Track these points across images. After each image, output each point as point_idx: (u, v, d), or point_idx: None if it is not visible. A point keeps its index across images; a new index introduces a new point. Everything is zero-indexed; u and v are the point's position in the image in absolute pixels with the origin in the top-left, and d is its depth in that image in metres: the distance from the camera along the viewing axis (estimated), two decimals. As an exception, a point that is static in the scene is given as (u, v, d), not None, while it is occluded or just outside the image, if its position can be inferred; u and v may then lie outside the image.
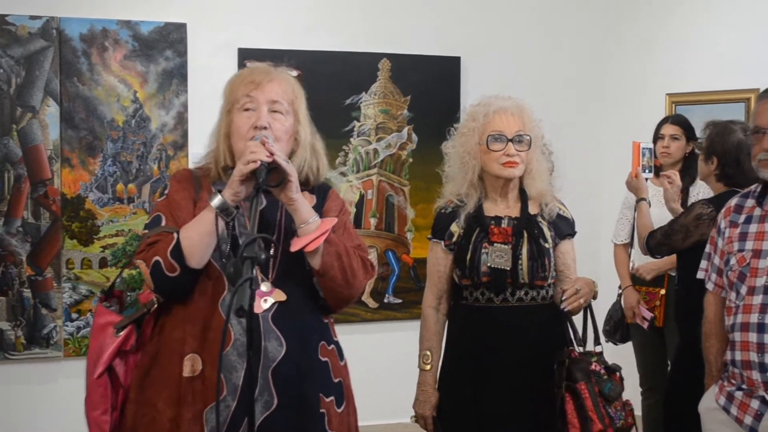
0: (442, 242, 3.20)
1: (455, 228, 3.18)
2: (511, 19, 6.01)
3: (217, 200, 2.37)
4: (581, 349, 3.12)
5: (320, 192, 2.68)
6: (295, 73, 2.83)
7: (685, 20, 5.77)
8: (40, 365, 5.11)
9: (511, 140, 3.09)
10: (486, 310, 3.13)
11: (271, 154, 2.35)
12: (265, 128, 2.48)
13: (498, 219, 3.16)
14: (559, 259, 3.19)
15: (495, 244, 3.10)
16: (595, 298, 3.16)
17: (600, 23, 6.20)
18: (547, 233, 3.17)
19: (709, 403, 3.03)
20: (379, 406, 5.70)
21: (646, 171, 4.24)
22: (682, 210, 4.25)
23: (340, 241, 2.52)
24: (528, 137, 3.12)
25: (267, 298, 2.44)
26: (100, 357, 2.48)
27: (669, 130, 4.76)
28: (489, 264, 3.08)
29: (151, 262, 2.38)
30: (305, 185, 2.60)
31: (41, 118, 5.04)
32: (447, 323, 3.29)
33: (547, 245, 3.14)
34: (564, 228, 3.24)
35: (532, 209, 3.19)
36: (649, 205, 4.32)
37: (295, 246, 2.43)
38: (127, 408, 2.48)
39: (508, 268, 3.08)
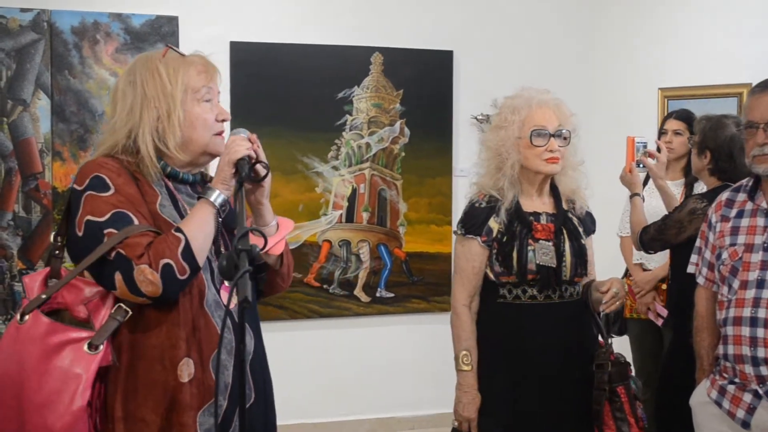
0: (479, 238, 3.11)
1: (494, 223, 3.11)
2: (503, 13, 6.01)
3: (218, 197, 2.32)
4: (609, 341, 3.13)
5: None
6: None
7: (678, 14, 5.77)
8: (31, 359, 5.08)
9: (553, 135, 3.07)
10: (528, 307, 3.09)
11: (256, 154, 2.35)
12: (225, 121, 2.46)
13: (537, 215, 3.14)
14: None
15: (540, 241, 3.08)
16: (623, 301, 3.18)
17: (592, 17, 6.19)
18: (580, 229, 3.19)
19: (701, 397, 3.04)
20: (371, 400, 5.71)
21: (641, 166, 4.23)
22: (667, 187, 4.24)
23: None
24: (567, 132, 3.11)
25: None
26: (76, 382, 2.17)
27: (672, 125, 4.74)
28: (537, 261, 3.05)
29: (159, 265, 2.19)
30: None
31: (32, 111, 5.02)
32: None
33: (583, 241, 3.17)
34: (590, 225, 3.27)
35: (563, 205, 3.20)
36: (643, 200, 4.31)
37: (267, 246, 2.40)
38: (116, 428, 2.26)
39: (555, 266, 3.06)
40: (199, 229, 2.27)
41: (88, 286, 2.26)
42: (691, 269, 3.20)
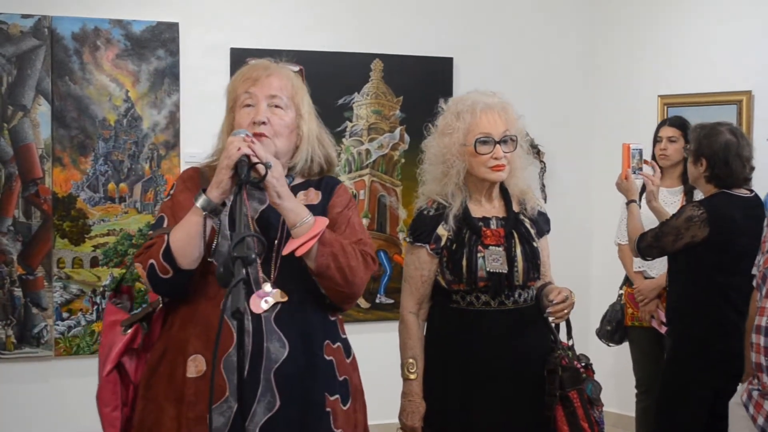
0: (427, 246, 3.04)
1: (442, 231, 3.03)
2: (503, 20, 6.02)
3: (201, 200, 2.35)
4: (566, 348, 3.04)
5: (327, 187, 2.64)
6: (296, 68, 2.81)
7: (678, 22, 5.78)
8: (31, 364, 5.09)
9: (498, 142, 2.97)
10: (482, 314, 3.01)
11: (254, 152, 2.33)
12: (264, 123, 2.47)
13: (486, 220, 3.05)
14: None
15: (489, 247, 2.99)
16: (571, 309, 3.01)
17: (592, 24, 6.21)
18: (532, 231, 3.09)
19: (738, 398, 3.05)
20: (371, 406, 5.68)
21: (636, 172, 4.23)
22: (661, 208, 4.24)
23: (336, 239, 2.46)
24: (514, 137, 3.01)
25: (268, 299, 2.41)
26: (110, 354, 2.50)
27: (667, 132, 4.74)
28: (487, 269, 2.96)
29: (147, 264, 2.39)
30: (312, 179, 2.61)
31: (33, 117, 5.03)
32: (426, 326, 3.16)
33: (535, 244, 3.06)
34: (543, 225, 3.17)
35: (514, 207, 3.10)
36: (639, 207, 4.31)
37: (287, 248, 2.39)
38: (137, 404, 2.51)
39: (506, 272, 2.97)
40: (181, 231, 2.38)
41: None
42: (754, 270, 3.16)
